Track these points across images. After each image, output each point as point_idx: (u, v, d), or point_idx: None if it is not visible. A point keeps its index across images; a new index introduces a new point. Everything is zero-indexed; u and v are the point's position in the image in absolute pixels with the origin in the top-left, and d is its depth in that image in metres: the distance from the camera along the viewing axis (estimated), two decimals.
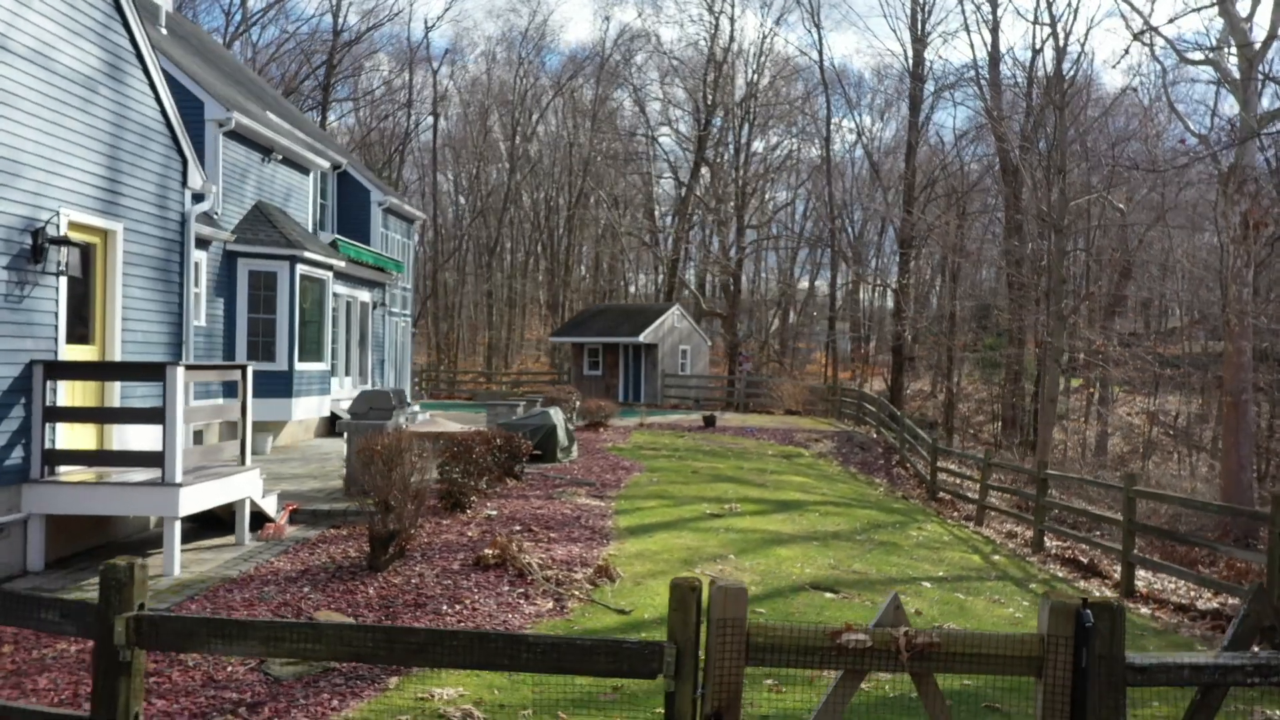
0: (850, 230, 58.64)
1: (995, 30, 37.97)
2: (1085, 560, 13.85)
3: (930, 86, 43.45)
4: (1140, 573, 12.71)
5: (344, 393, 21.02)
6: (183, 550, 9.59)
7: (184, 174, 10.99)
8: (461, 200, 63.64)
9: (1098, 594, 11.98)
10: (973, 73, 39.99)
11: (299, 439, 18.96)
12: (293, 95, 52.43)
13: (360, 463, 9.17)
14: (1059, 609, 3.50)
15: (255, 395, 17.08)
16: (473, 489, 11.99)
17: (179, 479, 8.44)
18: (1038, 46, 34.04)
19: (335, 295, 20.66)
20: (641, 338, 37.62)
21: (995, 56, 37.67)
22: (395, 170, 57.48)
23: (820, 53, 52.45)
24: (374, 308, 23.61)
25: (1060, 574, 13.02)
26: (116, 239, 9.81)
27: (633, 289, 67.01)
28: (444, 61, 77.66)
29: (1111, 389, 41.08)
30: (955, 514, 18.33)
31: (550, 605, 8.70)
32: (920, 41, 41.10)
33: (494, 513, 12.16)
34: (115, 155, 9.78)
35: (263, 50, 54.56)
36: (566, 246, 58.84)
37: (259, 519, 10.60)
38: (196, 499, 8.75)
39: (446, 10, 77.16)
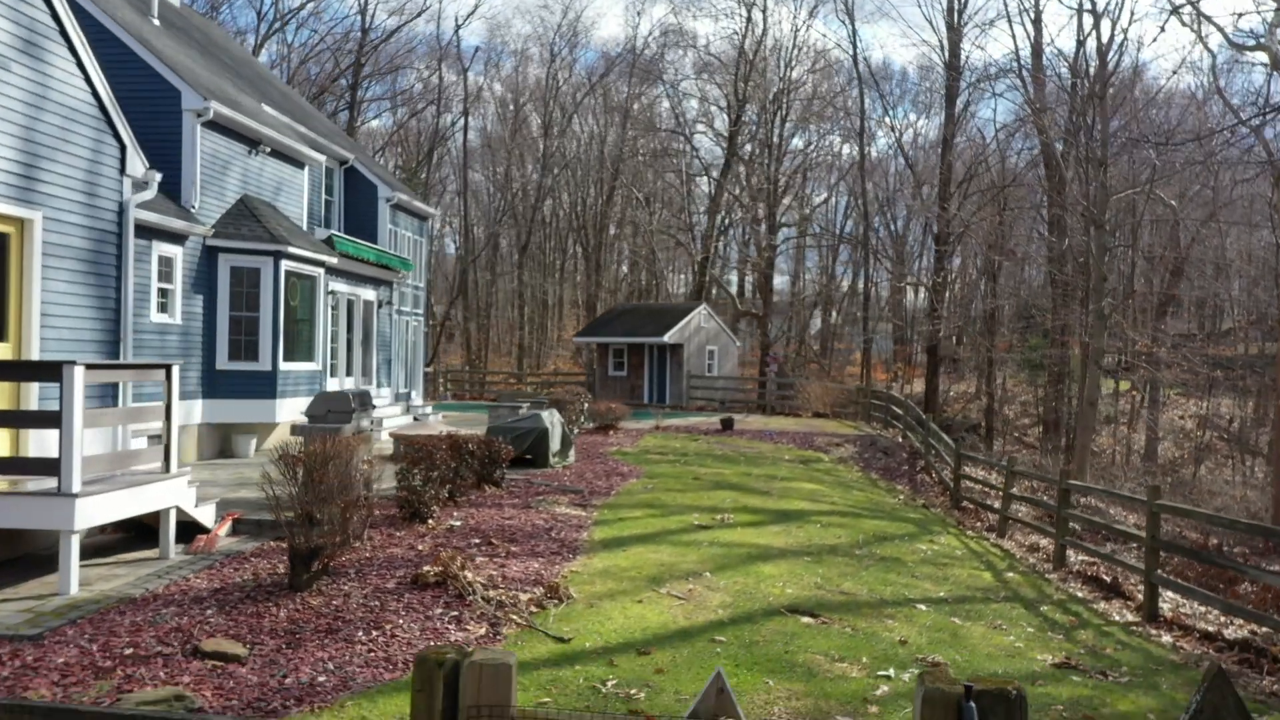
0: (894, 228, 57.10)
1: (1038, 21, 36.36)
2: (1108, 579, 12.66)
3: (968, 78, 41.95)
4: (1169, 594, 11.55)
5: None
6: (99, 565, 8.88)
7: (122, 160, 10.29)
8: (496, 198, 63.09)
9: (1117, 617, 10.82)
10: (1014, 64, 38.53)
11: (291, 441, 18.31)
12: (325, 95, 52.21)
13: (279, 470, 8.39)
14: (934, 698, 2.54)
15: (238, 396, 16.51)
16: (434, 498, 11.16)
17: (76, 489, 7.70)
18: (1081, 38, 32.53)
19: (333, 293, 20.00)
20: (666, 338, 36.62)
21: (1038, 47, 36.18)
22: (429, 169, 57.06)
23: (854, 46, 50.88)
24: (379, 306, 22.94)
25: (1080, 594, 11.85)
26: (34, 228, 9.12)
27: (670, 289, 65.93)
28: (475, 60, 77.40)
29: (1162, 391, 39.33)
30: (978, 524, 17.17)
31: (483, 631, 7.83)
32: (956, 31, 39.64)
33: (458, 523, 11.32)
34: (31, 139, 9.09)
35: (297, 50, 54.46)
36: (599, 246, 57.98)
37: (194, 530, 9.87)
38: (100, 510, 8.00)
39: (476, 8, 76.52)
